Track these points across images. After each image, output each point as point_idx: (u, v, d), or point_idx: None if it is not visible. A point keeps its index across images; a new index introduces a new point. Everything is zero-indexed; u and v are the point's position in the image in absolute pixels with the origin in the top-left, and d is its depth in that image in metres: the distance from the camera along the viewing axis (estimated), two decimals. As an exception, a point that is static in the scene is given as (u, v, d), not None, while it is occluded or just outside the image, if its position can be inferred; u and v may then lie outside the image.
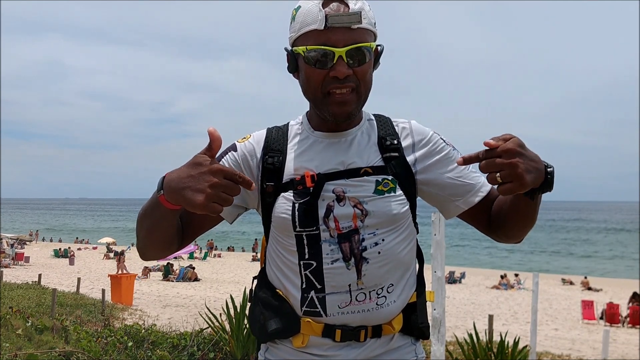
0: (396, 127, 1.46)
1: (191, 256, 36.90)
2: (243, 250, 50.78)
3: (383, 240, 1.36)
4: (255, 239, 50.98)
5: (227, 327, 5.99)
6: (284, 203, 1.38)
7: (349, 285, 1.35)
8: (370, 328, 1.37)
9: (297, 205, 1.37)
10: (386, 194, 1.37)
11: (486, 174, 1.16)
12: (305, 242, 1.37)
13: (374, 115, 1.50)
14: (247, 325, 5.79)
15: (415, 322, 1.43)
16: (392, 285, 1.38)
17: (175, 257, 32.10)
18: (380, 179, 1.38)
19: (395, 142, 1.42)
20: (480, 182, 1.45)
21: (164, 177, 1.21)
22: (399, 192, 1.39)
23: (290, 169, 1.41)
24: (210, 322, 6.20)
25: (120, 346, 5.96)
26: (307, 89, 1.38)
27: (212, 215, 1.15)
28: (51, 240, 55.89)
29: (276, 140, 1.46)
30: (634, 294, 20.40)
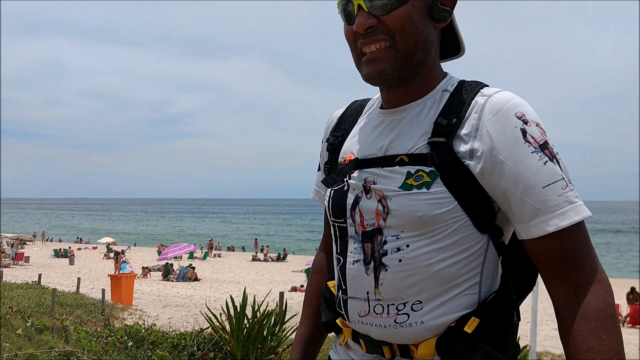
0: (472, 101, 1.09)
1: (191, 256, 36.91)
2: (243, 250, 50.83)
3: (408, 246, 1.09)
4: (256, 239, 51.00)
5: (227, 327, 5.99)
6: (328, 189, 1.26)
7: (367, 293, 1.14)
8: (396, 346, 1.14)
9: (332, 192, 1.23)
10: (415, 190, 1.08)
11: None
12: (338, 234, 1.22)
13: (461, 82, 1.16)
14: (247, 325, 5.79)
15: (463, 352, 1.08)
16: (420, 302, 1.10)
17: (175, 257, 32.11)
18: (413, 171, 1.09)
19: (454, 121, 1.08)
20: (555, 210, 1.02)
21: None
22: (438, 188, 1.07)
23: (344, 151, 1.25)
24: (210, 322, 6.19)
25: (120, 346, 5.95)
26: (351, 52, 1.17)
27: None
28: (51, 240, 55.92)
29: (348, 117, 1.31)
30: (632, 289, 20.43)
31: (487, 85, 1.13)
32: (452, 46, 1.25)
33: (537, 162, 1.02)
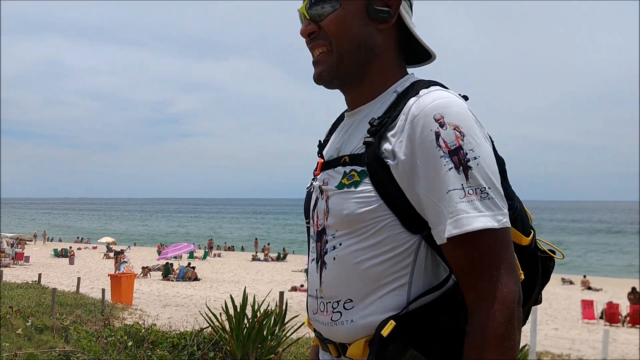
0: (408, 102, 1.10)
1: (191, 256, 36.90)
2: (243, 250, 50.82)
3: (340, 244, 1.12)
4: (256, 239, 50.99)
5: (227, 326, 5.99)
6: None
7: (316, 291, 1.18)
8: (338, 344, 1.15)
9: (305, 194, 1.29)
10: (345, 189, 1.11)
11: None
12: (307, 234, 1.28)
13: (414, 82, 1.16)
14: (247, 325, 5.80)
15: (391, 355, 1.04)
16: (351, 301, 1.11)
17: (175, 257, 32.12)
18: (348, 170, 1.12)
19: (385, 121, 1.10)
20: (451, 217, 1.01)
21: None
22: (365, 187, 1.08)
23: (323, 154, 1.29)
24: (210, 322, 6.19)
25: (120, 346, 5.95)
26: None
27: None
28: (51, 240, 55.90)
29: (336, 122, 1.34)
30: (633, 289, 20.45)
31: (437, 85, 1.12)
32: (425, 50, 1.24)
33: (443, 168, 1.01)
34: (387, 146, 1.08)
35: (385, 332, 1.05)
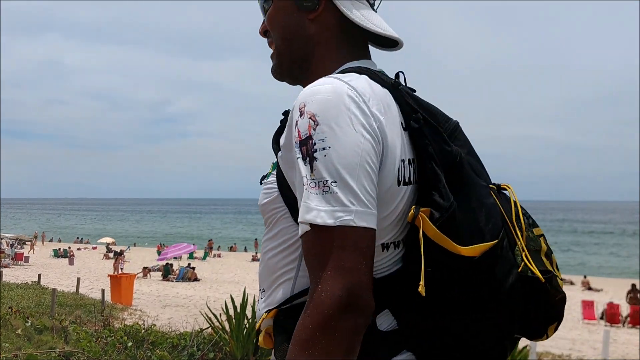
0: None
1: (191, 256, 36.90)
2: (246, 250, 50.83)
3: (263, 236, 1.16)
4: (256, 239, 50.98)
5: (227, 327, 5.98)
6: None
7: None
8: None
9: None
10: (264, 181, 1.15)
11: None
12: None
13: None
14: (247, 325, 5.79)
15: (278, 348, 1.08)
16: (264, 291, 1.14)
17: (175, 257, 32.12)
18: (273, 162, 1.14)
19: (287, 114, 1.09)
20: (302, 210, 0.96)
21: None
22: (271, 178, 1.12)
23: None
24: (210, 322, 6.19)
25: (120, 346, 5.95)
26: None
27: None
28: (51, 240, 55.90)
29: None
30: (633, 286, 20.44)
31: (351, 73, 1.05)
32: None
33: (297, 159, 0.97)
34: (282, 138, 1.06)
35: (257, 325, 1.12)
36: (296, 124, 0.97)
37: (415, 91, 1.14)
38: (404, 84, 1.13)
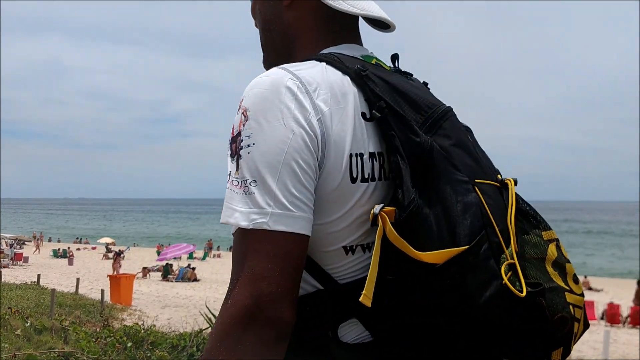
0: None
1: (190, 256, 36.92)
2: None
3: None
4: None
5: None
6: None
7: None
8: None
9: None
10: None
11: None
12: None
13: None
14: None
15: None
16: None
17: (175, 258, 32.13)
18: None
19: None
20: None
21: None
22: None
23: None
24: (209, 323, 6.17)
25: (120, 347, 5.94)
26: None
27: None
28: (50, 241, 55.89)
29: None
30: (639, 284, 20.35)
31: (311, 61, 0.99)
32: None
33: (226, 155, 0.92)
34: None
35: None
36: (234, 121, 0.92)
37: (411, 75, 1.08)
38: (396, 67, 1.06)
